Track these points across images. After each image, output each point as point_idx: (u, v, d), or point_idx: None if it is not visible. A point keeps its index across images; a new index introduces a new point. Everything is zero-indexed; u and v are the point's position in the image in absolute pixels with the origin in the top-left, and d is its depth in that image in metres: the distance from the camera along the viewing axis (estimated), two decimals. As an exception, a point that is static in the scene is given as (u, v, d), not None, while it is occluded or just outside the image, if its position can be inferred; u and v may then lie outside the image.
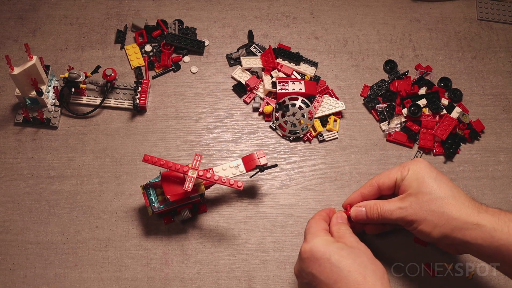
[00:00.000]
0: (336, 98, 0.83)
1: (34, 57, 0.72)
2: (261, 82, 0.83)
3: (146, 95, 0.80)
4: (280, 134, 0.81)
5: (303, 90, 0.80)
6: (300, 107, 0.80)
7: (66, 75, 0.77)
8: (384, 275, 0.54)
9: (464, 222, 0.56)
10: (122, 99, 0.80)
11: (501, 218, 0.56)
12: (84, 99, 0.80)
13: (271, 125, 0.81)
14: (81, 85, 0.78)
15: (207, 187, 0.71)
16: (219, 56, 0.86)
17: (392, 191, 0.64)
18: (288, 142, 0.80)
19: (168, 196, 0.66)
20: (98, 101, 0.80)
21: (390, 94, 0.83)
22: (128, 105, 0.80)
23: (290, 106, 0.79)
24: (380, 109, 0.83)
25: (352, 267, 0.53)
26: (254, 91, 0.83)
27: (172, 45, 0.85)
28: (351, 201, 0.66)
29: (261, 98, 0.82)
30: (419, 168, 0.61)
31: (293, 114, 0.79)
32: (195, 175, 0.65)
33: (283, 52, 0.85)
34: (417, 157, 0.80)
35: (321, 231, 0.59)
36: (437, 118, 0.82)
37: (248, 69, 0.84)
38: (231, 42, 0.87)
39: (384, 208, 0.61)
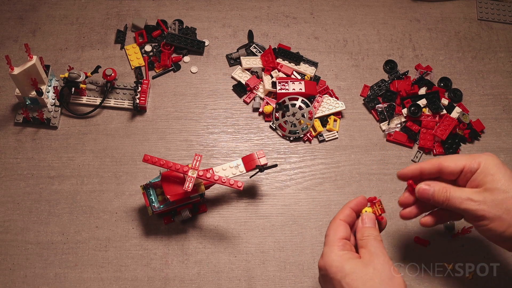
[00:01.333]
0: (336, 98, 0.83)
1: (34, 57, 0.72)
2: (261, 82, 0.83)
3: (146, 95, 0.80)
4: (280, 134, 0.81)
5: (303, 90, 0.80)
6: (300, 107, 0.80)
7: (66, 75, 0.77)
8: None
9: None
10: (122, 99, 0.80)
11: None
12: (84, 99, 0.80)
13: (271, 125, 0.81)
14: (81, 85, 0.78)
15: (207, 187, 0.71)
16: (219, 56, 0.86)
17: (454, 178, 0.59)
18: (288, 142, 0.80)
19: (168, 196, 0.66)
20: (98, 101, 0.80)
21: (390, 94, 0.83)
22: (128, 105, 0.80)
23: (290, 106, 0.79)
24: (380, 109, 0.83)
25: None
26: (254, 91, 0.83)
27: (172, 45, 0.85)
28: (408, 173, 0.60)
29: (261, 98, 0.82)
30: (493, 163, 0.57)
31: (293, 114, 0.79)
32: (195, 175, 0.65)
33: (283, 52, 0.85)
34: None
35: (338, 241, 0.55)
36: (437, 118, 0.82)
37: (248, 69, 0.84)
38: (231, 42, 0.87)
39: (454, 194, 0.56)
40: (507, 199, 0.55)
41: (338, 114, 0.82)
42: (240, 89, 0.83)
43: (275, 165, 0.73)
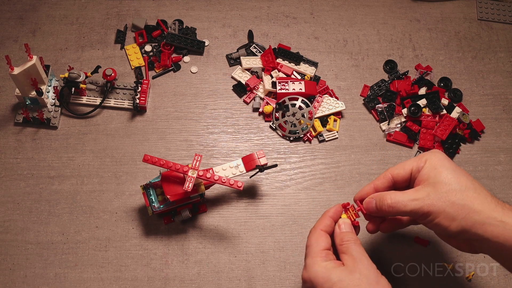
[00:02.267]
0: (336, 98, 0.83)
1: (34, 57, 0.72)
2: (261, 82, 0.83)
3: (146, 95, 0.80)
4: (280, 134, 0.81)
5: (303, 90, 0.80)
6: (300, 107, 0.80)
7: (66, 75, 0.77)
8: None
9: (487, 217, 0.52)
10: (122, 99, 0.80)
11: None
12: (84, 99, 0.80)
13: (271, 125, 0.81)
14: (81, 85, 0.78)
15: (207, 187, 0.71)
16: (219, 56, 0.86)
17: (407, 184, 0.59)
18: (288, 142, 0.80)
19: (168, 196, 0.66)
20: (98, 101, 0.80)
21: (390, 94, 0.83)
22: (128, 105, 0.80)
23: (290, 106, 0.79)
24: (380, 109, 0.83)
25: None
26: (254, 91, 0.83)
27: (172, 45, 0.85)
28: (364, 194, 0.61)
29: (261, 98, 0.82)
30: (437, 158, 0.57)
31: (293, 114, 0.79)
32: (195, 175, 0.65)
33: (283, 52, 0.85)
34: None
35: (320, 253, 0.55)
36: (437, 118, 0.82)
37: (248, 69, 0.84)
38: (231, 42, 0.87)
39: (396, 198, 0.56)
40: (450, 192, 0.53)
41: (338, 114, 0.82)
42: (240, 89, 0.83)
43: (275, 165, 0.73)
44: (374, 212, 0.58)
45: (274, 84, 0.81)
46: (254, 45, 0.87)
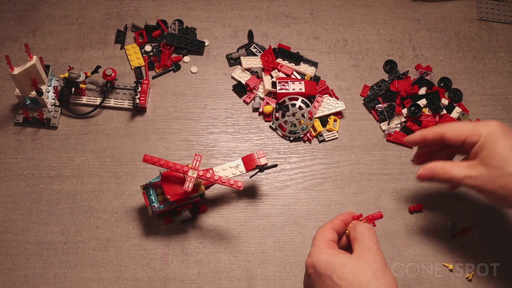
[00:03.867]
0: (336, 98, 0.83)
1: (34, 57, 0.72)
2: (261, 82, 0.83)
3: (146, 95, 0.80)
4: (280, 134, 0.81)
5: (303, 90, 0.80)
6: (300, 107, 0.80)
7: (66, 75, 0.77)
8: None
9: None
10: (122, 99, 0.80)
11: None
12: (84, 99, 0.80)
13: (271, 125, 0.81)
14: (81, 85, 0.78)
15: (207, 187, 0.71)
16: (219, 56, 0.86)
17: (458, 146, 0.61)
18: (288, 142, 0.80)
19: (168, 196, 0.66)
20: (98, 101, 0.80)
21: (390, 94, 0.83)
22: (128, 105, 0.80)
23: (290, 106, 0.79)
24: (380, 109, 0.83)
25: (352, 285, 0.50)
26: (254, 91, 0.83)
27: (172, 45, 0.85)
28: (415, 139, 0.65)
29: (261, 98, 0.82)
30: (493, 135, 0.58)
31: (293, 114, 0.79)
32: (195, 175, 0.65)
33: (283, 52, 0.85)
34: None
35: (325, 242, 0.55)
36: (437, 118, 0.82)
37: (248, 69, 0.84)
38: (231, 42, 0.87)
39: (452, 173, 0.60)
40: (502, 176, 0.56)
41: (338, 114, 0.82)
42: (240, 89, 0.83)
43: (275, 165, 0.73)
44: (429, 180, 0.63)
45: (274, 84, 0.81)
46: (254, 45, 0.87)
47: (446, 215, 0.76)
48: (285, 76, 0.84)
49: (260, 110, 0.82)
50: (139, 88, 0.80)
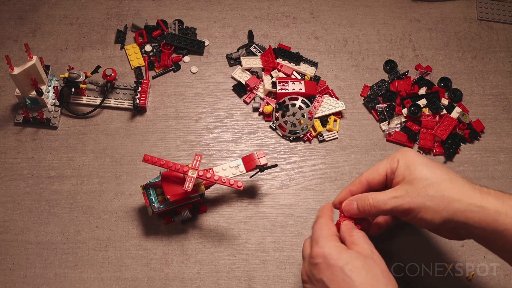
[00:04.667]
0: (336, 98, 0.83)
1: (34, 57, 0.72)
2: (261, 82, 0.83)
3: (146, 95, 0.80)
4: (280, 134, 0.81)
5: (303, 90, 0.80)
6: (300, 107, 0.80)
7: (66, 75, 0.77)
8: None
9: (467, 204, 0.53)
10: (122, 99, 0.80)
11: (506, 202, 0.53)
12: (84, 99, 0.80)
13: (271, 125, 0.81)
14: (81, 85, 0.78)
15: (207, 187, 0.71)
16: (219, 56, 0.86)
17: (383, 186, 0.60)
18: (288, 142, 0.80)
19: (168, 196, 0.66)
20: (98, 101, 0.80)
21: (390, 94, 0.83)
22: (128, 105, 0.80)
23: (290, 106, 0.79)
24: (380, 109, 0.83)
25: (364, 280, 0.50)
26: (254, 91, 0.83)
27: (172, 45, 0.85)
28: (340, 199, 0.62)
29: (261, 98, 0.82)
30: (409, 157, 0.58)
31: (293, 114, 0.79)
32: (195, 175, 0.65)
33: (283, 52, 0.85)
34: None
35: (333, 236, 0.56)
36: (437, 118, 0.82)
37: (248, 69, 0.84)
38: (231, 42, 0.87)
39: (377, 198, 0.57)
40: (427, 186, 0.55)
41: (338, 114, 0.82)
42: (240, 89, 0.83)
43: (275, 165, 0.73)
44: (356, 214, 0.59)
45: (274, 84, 0.81)
46: (254, 45, 0.87)
47: (446, 215, 0.76)
48: (285, 76, 0.84)
49: (260, 110, 0.82)
50: (139, 88, 0.80)
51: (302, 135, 0.80)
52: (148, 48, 0.85)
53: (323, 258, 0.53)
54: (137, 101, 0.79)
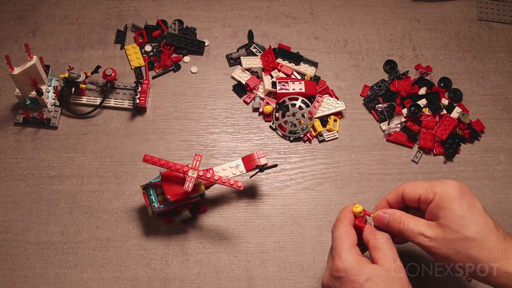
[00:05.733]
0: (336, 98, 0.83)
1: (34, 57, 0.72)
2: (261, 82, 0.83)
3: (146, 95, 0.80)
4: (280, 134, 0.81)
5: (303, 90, 0.80)
6: (300, 107, 0.80)
7: (66, 75, 0.77)
8: None
9: (491, 268, 0.53)
10: (122, 99, 0.80)
11: None
12: (84, 99, 0.80)
13: (271, 125, 0.81)
14: (81, 85, 0.78)
15: (207, 187, 0.71)
16: (219, 56, 0.86)
17: (417, 205, 0.59)
18: (288, 142, 0.80)
19: (168, 196, 0.66)
20: (98, 101, 0.80)
21: (390, 94, 0.83)
22: (128, 105, 0.80)
23: (290, 106, 0.79)
24: (380, 109, 0.83)
25: None
26: (254, 91, 0.83)
27: (172, 45, 0.85)
28: (379, 209, 0.61)
29: (261, 98, 0.82)
30: (448, 196, 0.55)
31: (293, 114, 0.79)
32: (195, 175, 0.65)
33: (283, 52, 0.85)
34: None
35: (354, 247, 0.55)
36: (437, 118, 0.82)
37: (248, 69, 0.84)
38: (231, 42, 0.87)
39: (408, 226, 0.57)
40: (457, 240, 0.54)
41: (338, 114, 0.82)
42: (240, 89, 0.83)
43: (275, 165, 0.73)
44: (383, 226, 0.59)
45: (274, 84, 0.81)
46: (254, 45, 0.87)
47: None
48: (285, 76, 0.84)
49: (260, 110, 0.82)
50: (139, 88, 0.80)
51: (302, 135, 0.80)
52: (148, 48, 0.85)
53: (344, 272, 0.53)
54: (137, 101, 0.79)
